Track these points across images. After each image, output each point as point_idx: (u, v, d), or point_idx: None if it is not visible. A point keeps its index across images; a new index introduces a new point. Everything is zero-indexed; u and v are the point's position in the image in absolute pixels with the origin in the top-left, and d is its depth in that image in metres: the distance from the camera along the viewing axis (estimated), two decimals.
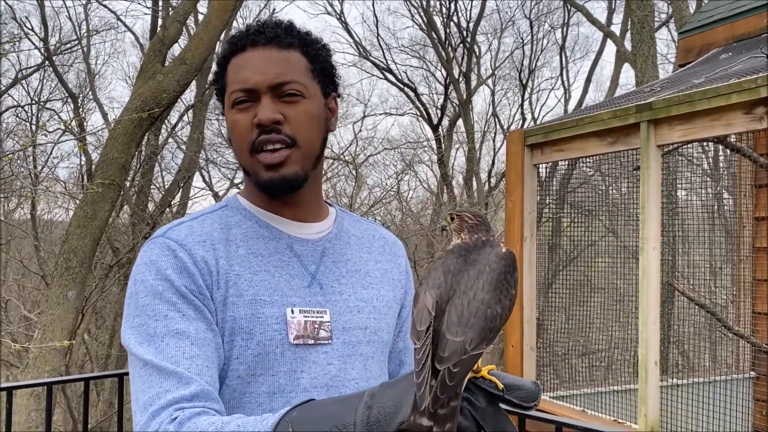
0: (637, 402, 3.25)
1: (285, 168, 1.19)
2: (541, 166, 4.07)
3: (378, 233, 1.39)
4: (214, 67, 1.30)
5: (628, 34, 12.95)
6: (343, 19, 17.91)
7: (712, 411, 4.07)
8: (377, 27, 17.84)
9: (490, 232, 1.05)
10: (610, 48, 17.26)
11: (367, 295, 1.27)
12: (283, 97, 1.19)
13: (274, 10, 18.05)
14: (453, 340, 0.92)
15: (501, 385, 0.95)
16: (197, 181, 17.17)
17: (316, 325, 1.19)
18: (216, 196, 17.86)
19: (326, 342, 1.19)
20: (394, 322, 1.32)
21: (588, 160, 4.57)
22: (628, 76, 19.41)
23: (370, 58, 17.73)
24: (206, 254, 1.17)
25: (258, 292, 1.17)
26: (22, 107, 14.51)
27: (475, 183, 17.11)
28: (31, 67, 14.11)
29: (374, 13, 22.26)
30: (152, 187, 15.89)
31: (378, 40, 17.81)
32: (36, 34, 13.53)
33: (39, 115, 15.38)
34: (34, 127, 14.91)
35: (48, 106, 15.55)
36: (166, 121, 14.02)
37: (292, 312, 1.18)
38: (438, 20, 17.28)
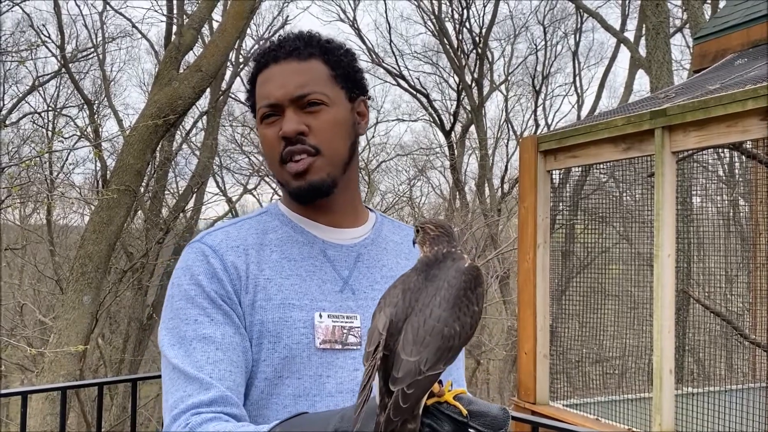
0: (652, 411, 3.22)
1: (311, 175, 1.21)
2: (554, 172, 4.06)
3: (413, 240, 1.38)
4: (246, 86, 1.32)
5: (643, 40, 12.90)
6: (356, 25, 18.00)
7: (728, 420, 4.02)
8: (390, 33, 17.91)
9: (452, 243, 1.01)
10: (624, 54, 17.23)
11: None
12: (306, 107, 1.21)
13: (288, 17, 18.15)
14: (407, 360, 0.89)
15: (465, 412, 0.91)
16: (211, 186, 17.29)
17: (345, 331, 1.19)
18: (229, 202, 17.95)
19: (355, 347, 1.19)
20: None
21: (601, 166, 4.55)
22: (642, 82, 19.29)
23: (383, 64, 17.78)
24: (237, 260, 1.21)
25: (288, 296, 1.19)
26: (39, 114, 14.69)
27: (487, 189, 17.08)
28: (47, 74, 14.28)
29: (387, 20, 22.32)
30: (166, 192, 16.01)
31: (391, 46, 17.88)
32: (53, 41, 13.71)
33: (55, 122, 15.57)
34: (50, 134, 15.08)
35: (64, 112, 15.74)
36: (180, 127, 14.13)
37: (320, 316, 1.18)
38: (450, 26, 17.32)
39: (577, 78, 18.53)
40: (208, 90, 12.21)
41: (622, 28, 16.43)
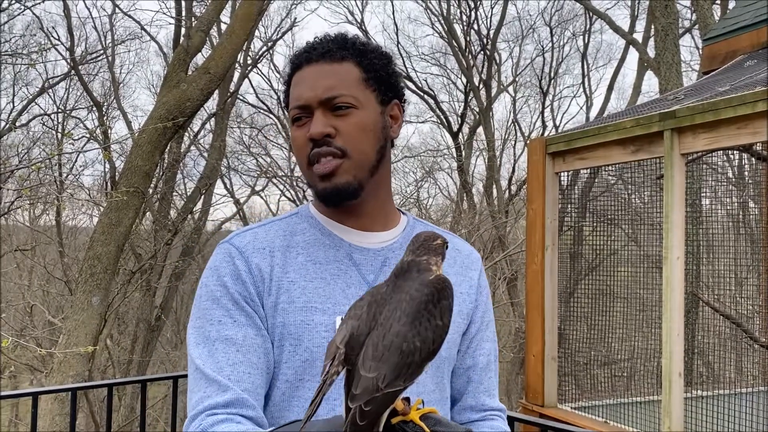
0: (661, 414, 3.20)
1: (337, 177, 1.20)
2: (562, 174, 4.05)
3: (452, 244, 1.32)
4: (282, 86, 1.34)
5: (651, 41, 12.85)
6: (363, 27, 18.02)
7: (738, 424, 4.00)
8: (397, 35, 17.98)
9: (417, 252, 0.98)
10: (633, 55, 17.16)
11: None
12: (335, 110, 1.20)
13: (295, 19, 18.21)
14: (366, 376, 0.87)
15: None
16: (219, 188, 17.35)
17: None
18: (237, 203, 18.01)
19: None
20: (457, 337, 1.28)
21: (610, 167, 4.54)
22: (650, 83, 19.22)
23: None
24: (262, 262, 1.22)
25: (311, 299, 1.19)
26: (49, 115, 14.76)
27: (495, 191, 17.05)
28: (57, 76, 14.36)
29: (394, 22, 22.38)
30: (174, 194, 16.07)
31: (398, 48, 17.88)
32: (62, 44, 13.79)
33: (65, 123, 15.65)
34: (59, 135, 15.17)
35: (73, 114, 15.82)
36: (188, 129, 14.18)
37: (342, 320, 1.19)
38: (458, 28, 17.31)
39: (586, 79, 18.49)
40: (216, 92, 12.26)
41: (630, 30, 16.39)
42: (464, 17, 17.29)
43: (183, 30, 11.13)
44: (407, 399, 0.97)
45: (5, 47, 9.15)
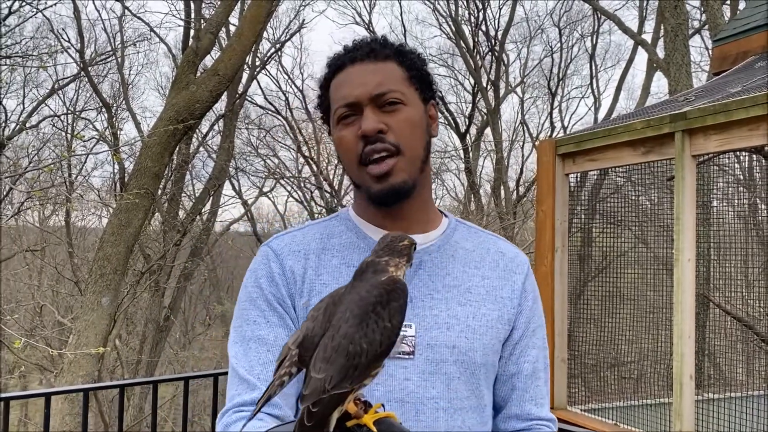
0: (672, 416, 3.19)
1: (393, 177, 1.19)
2: (570, 175, 4.03)
3: (495, 247, 1.32)
4: (318, 91, 1.33)
5: (661, 42, 12.80)
6: (371, 29, 18.03)
7: (749, 427, 3.97)
8: (405, 36, 17.92)
9: (379, 253, 0.98)
10: (641, 56, 17.10)
11: (462, 312, 1.21)
12: (384, 106, 1.20)
13: (304, 20, 18.24)
14: (315, 377, 0.88)
15: None
16: (227, 189, 17.40)
17: (398, 339, 1.17)
18: (245, 204, 18.05)
19: (407, 357, 1.17)
20: (495, 343, 1.24)
21: (619, 169, 4.52)
22: (660, 84, 19.15)
23: None
24: (295, 264, 1.24)
25: None
26: (59, 117, 14.84)
27: (503, 192, 17.02)
28: (67, 78, 14.44)
29: (402, 23, 22.41)
30: (183, 195, 16.13)
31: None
32: (72, 45, 13.88)
33: (74, 125, 15.73)
34: (69, 137, 15.25)
35: (83, 115, 15.90)
36: (197, 130, 14.23)
37: None
38: (466, 29, 17.30)
39: (594, 80, 18.44)
40: (225, 93, 12.29)
41: (639, 30, 16.32)
42: (472, 18, 17.29)
43: (192, 32, 11.17)
44: (366, 402, 0.96)
45: (16, 49, 9.21)
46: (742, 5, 10.20)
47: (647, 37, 15.63)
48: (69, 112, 15.27)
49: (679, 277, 3.06)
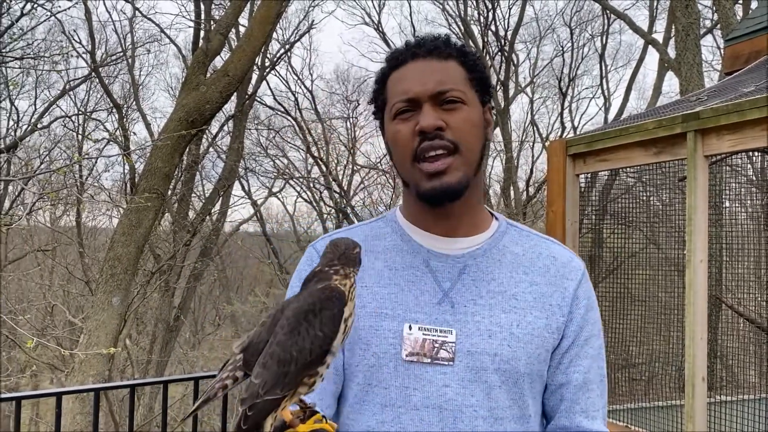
0: (684, 419, 3.17)
1: (448, 176, 1.16)
2: (581, 176, 4.01)
3: (547, 252, 1.27)
4: (373, 86, 1.30)
5: (672, 41, 12.73)
6: (380, 29, 18.04)
7: (760, 430, 3.94)
8: (414, 37, 17.87)
9: (327, 261, 0.99)
10: (652, 56, 17.02)
11: (506, 319, 1.17)
12: (444, 104, 1.18)
13: (313, 21, 18.27)
14: (253, 382, 0.91)
15: None
16: (236, 189, 17.45)
17: (437, 345, 1.15)
18: (254, 205, 18.10)
19: (446, 363, 1.15)
20: (542, 352, 1.19)
21: (630, 169, 4.49)
22: (671, 84, 19.04)
23: None
24: None
25: (382, 305, 1.19)
26: (70, 117, 14.94)
27: (512, 192, 16.97)
28: (78, 79, 14.53)
29: (411, 23, 22.30)
30: (193, 195, 16.19)
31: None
32: (83, 46, 13.96)
33: (85, 125, 15.84)
34: (80, 137, 15.34)
35: (94, 116, 16.00)
36: (207, 131, 14.28)
37: (410, 328, 1.16)
38: (476, 29, 17.27)
39: (604, 80, 18.36)
40: (235, 94, 12.33)
41: (650, 30, 16.24)
42: (482, 18, 17.26)
43: (202, 33, 11.22)
44: (310, 410, 0.98)
45: (28, 51, 9.28)
46: (754, 4, 10.12)
47: (658, 36, 15.54)
48: (80, 113, 15.36)
49: (691, 278, 3.04)
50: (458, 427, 1.14)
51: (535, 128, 18.70)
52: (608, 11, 16.09)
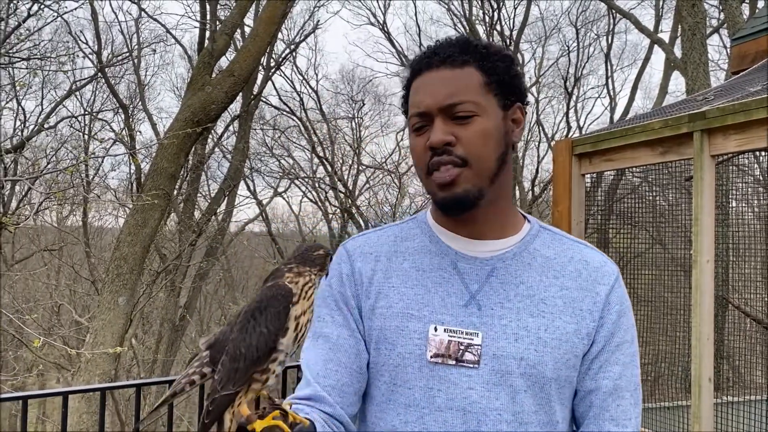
0: (690, 419, 3.16)
1: (456, 186, 1.16)
2: (586, 175, 4.00)
3: (579, 256, 1.24)
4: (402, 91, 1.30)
5: (678, 41, 12.68)
6: (385, 29, 18.04)
7: (766, 431, 3.92)
8: (420, 36, 17.89)
9: (288, 261, 1.03)
10: (658, 55, 16.97)
11: (533, 323, 1.16)
12: (456, 117, 1.16)
13: (318, 21, 18.29)
14: (215, 377, 0.96)
15: None
16: (242, 189, 17.47)
17: (462, 347, 1.15)
18: (260, 205, 18.12)
19: (471, 366, 1.15)
20: (571, 358, 1.17)
21: (635, 169, 4.48)
22: (677, 83, 19.00)
23: None
24: (364, 266, 1.25)
25: (408, 306, 1.19)
26: (76, 118, 15.00)
27: (518, 192, 16.95)
28: (84, 79, 14.58)
29: (417, 23, 22.40)
30: (198, 195, 16.22)
31: (420, 49, 17.80)
32: (89, 46, 14.01)
33: (91, 125, 15.89)
34: (86, 137, 15.40)
35: (100, 116, 16.06)
36: (212, 131, 14.31)
37: (436, 330, 1.16)
38: (481, 29, 17.24)
39: (610, 80, 18.31)
40: (240, 95, 12.35)
41: (656, 29, 16.19)
42: (487, 18, 17.24)
43: (208, 33, 11.23)
44: (276, 406, 1.01)
45: (35, 52, 9.32)
46: (761, 4, 10.08)
47: (664, 36, 15.50)
48: (86, 113, 15.42)
49: (697, 278, 3.03)
50: (482, 429, 1.14)
51: (540, 128, 18.68)
52: (614, 11, 16.05)
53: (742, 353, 5.89)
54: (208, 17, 11.88)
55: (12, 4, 7.81)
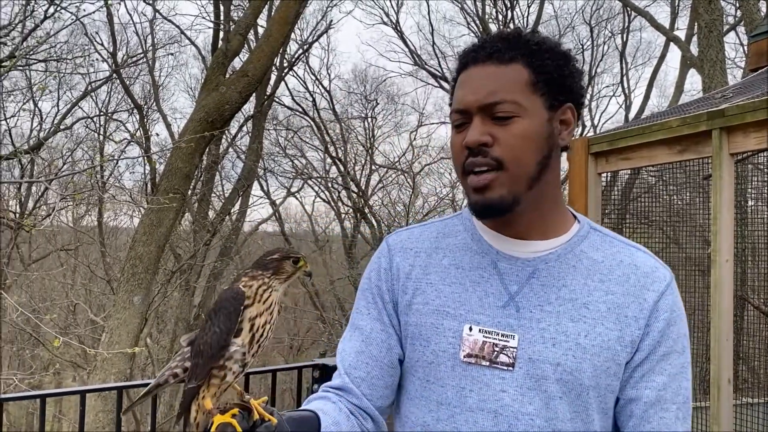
0: (709, 421, 3.12)
1: (490, 191, 1.12)
2: (602, 174, 3.97)
3: (629, 260, 1.18)
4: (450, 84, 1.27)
5: (694, 39, 12.57)
6: (398, 28, 18.01)
7: None
8: (433, 36, 17.84)
9: (248, 269, 1.08)
10: (673, 53, 16.83)
11: (573, 328, 1.12)
12: (495, 117, 1.12)
13: (331, 21, 18.31)
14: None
15: None
16: (256, 189, 17.53)
17: (497, 348, 1.12)
18: (273, 205, 18.17)
19: (505, 368, 1.12)
20: (612, 366, 1.12)
21: (651, 168, 4.44)
22: (692, 81, 18.81)
23: (426, 66, 17.76)
24: (403, 261, 1.25)
25: (445, 303, 1.18)
26: (91, 118, 15.11)
27: None
28: (99, 80, 14.70)
29: (430, 22, 22.34)
30: (213, 195, 16.30)
31: (433, 48, 17.80)
32: (105, 48, 14.12)
33: (107, 126, 16.01)
34: (102, 138, 15.51)
35: (115, 117, 16.18)
36: (226, 131, 14.37)
37: (470, 329, 1.15)
38: (494, 27, 17.17)
39: (625, 78, 18.18)
40: (254, 94, 12.38)
41: (671, 27, 16.04)
42: (500, 17, 17.17)
43: (221, 34, 11.28)
44: (244, 403, 1.04)
45: (51, 53, 9.40)
46: None
47: (680, 33, 15.35)
48: (101, 113, 15.54)
49: (716, 278, 2.99)
50: None
51: None
52: (629, 8, 15.93)
53: (761, 354, 5.82)
54: (221, 18, 11.93)
55: (29, 7, 7.89)
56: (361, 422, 1.22)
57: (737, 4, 12.72)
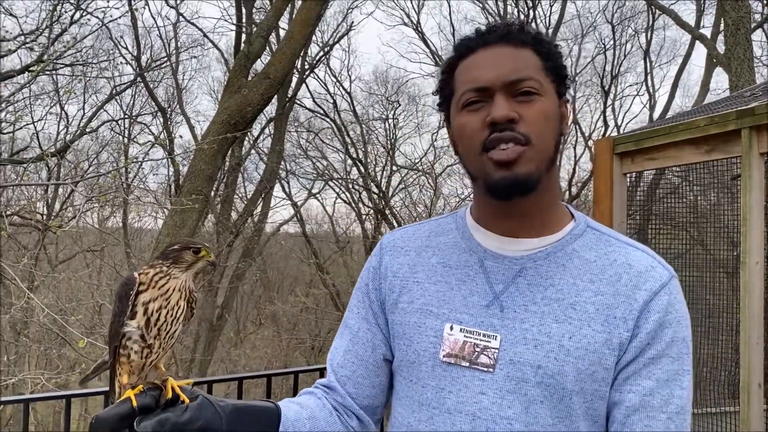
0: (739, 426, 3.06)
1: (519, 166, 1.07)
2: (627, 175, 3.92)
3: (624, 259, 1.11)
4: (439, 76, 1.22)
5: (720, 37, 12.37)
6: (419, 29, 17.99)
7: None
8: (454, 36, 17.80)
9: (156, 258, 1.15)
10: (698, 52, 16.58)
11: (557, 330, 1.06)
12: (518, 94, 1.09)
13: (353, 23, 18.35)
14: None
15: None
16: (277, 191, 17.62)
17: (478, 349, 1.08)
18: (294, 206, 18.27)
19: (485, 369, 1.08)
20: (597, 369, 1.05)
21: (676, 168, 4.38)
22: (718, 80, 18.50)
23: None
24: (393, 260, 1.24)
25: (429, 302, 1.16)
26: (116, 121, 15.32)
27: None
28: (124, 84, 14.89)
29: (451, 23, 22.22)
30: (235, 196, 16.42)
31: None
32: (129, 51, 14.29)
33: (131, 129, 16.21)
34: (126, 140, 15.71)
35: (139, 120, 16.37)
36: (248, 133, 14.47)
37: (451, 329, 1.12)
38: None
39: (649, 77, 17.95)
40: (276, 97, 12.45)
41: (697, 25, 15.81)
42: (522, 16, 17.05)
43: (243, 36, 11.36)
44: (157, 384, 1.09)
45: (77, 57, 9.55)
46: None
47: (705, 31, 15.12)
48: (126, 116, 15.74)
49: (746, 280, 2.93)
50: None
51: (577, 127, 18.39)
52: (653, 7, 15.73)
53: None
54: (243, 20, 12.01)
55: (56, 13, 8.01)
56: (345, 420, 1.23)
57: (765, 2, 12.50)
